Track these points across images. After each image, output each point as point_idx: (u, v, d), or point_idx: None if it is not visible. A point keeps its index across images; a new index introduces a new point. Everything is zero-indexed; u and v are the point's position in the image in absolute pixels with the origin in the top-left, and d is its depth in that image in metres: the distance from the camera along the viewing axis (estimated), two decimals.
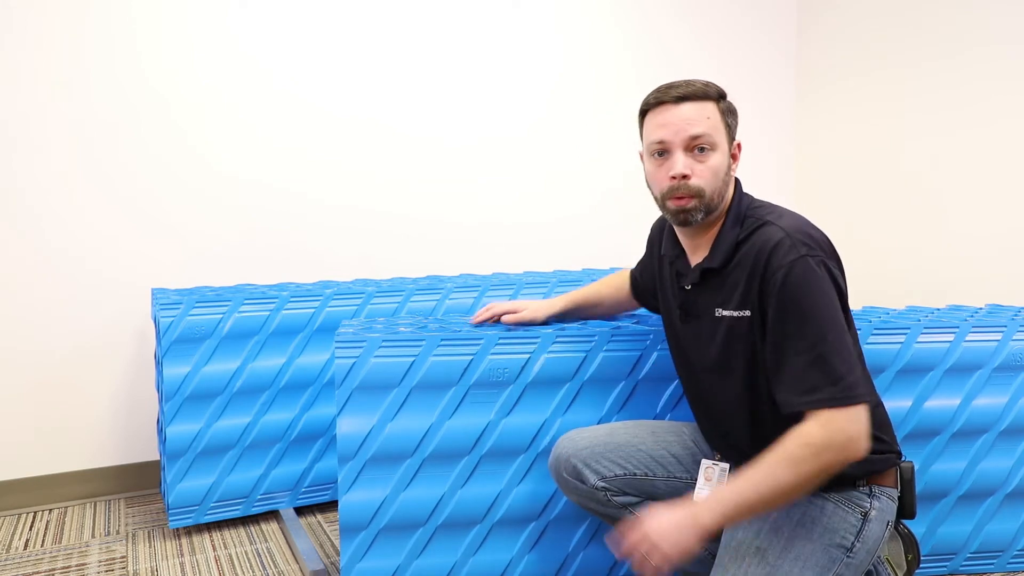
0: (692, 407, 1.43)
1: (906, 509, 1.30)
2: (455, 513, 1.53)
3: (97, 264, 2.17)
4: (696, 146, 1.24)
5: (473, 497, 1.53)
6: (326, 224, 2.43)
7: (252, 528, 2.03)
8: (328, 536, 1.97)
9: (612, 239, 2.86)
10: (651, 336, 1.59)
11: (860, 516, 1.24)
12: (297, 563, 1.84)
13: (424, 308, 2.14)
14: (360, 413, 1.49)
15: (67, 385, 2.17)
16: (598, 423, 1.57)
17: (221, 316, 1.94)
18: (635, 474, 1.41)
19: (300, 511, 2.11)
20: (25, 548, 1.92)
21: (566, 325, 1.63)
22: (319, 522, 2.06)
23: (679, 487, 1.42)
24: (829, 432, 1.12)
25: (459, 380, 1.51)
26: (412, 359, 1.49)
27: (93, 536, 1.99)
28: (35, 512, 2.13)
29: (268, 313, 1.98)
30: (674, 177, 1.24)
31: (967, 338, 1.66)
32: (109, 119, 2.14)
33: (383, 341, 1.49)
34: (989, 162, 2.48)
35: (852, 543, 1.22)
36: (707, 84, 1.27)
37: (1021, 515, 1.70)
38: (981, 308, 1.88)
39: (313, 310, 2.03)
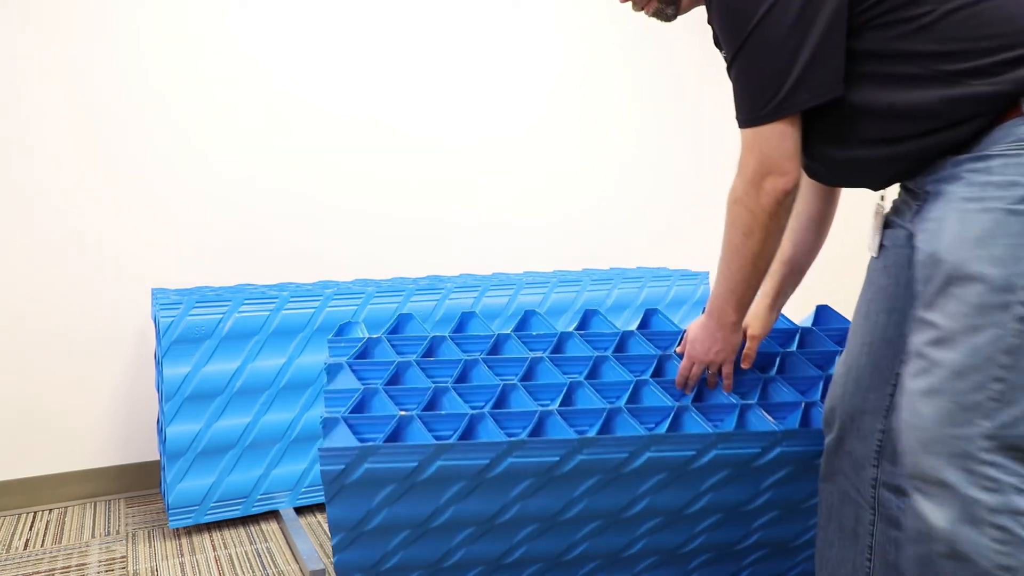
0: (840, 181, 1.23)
1: None
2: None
3: (97, 264, 2.16)
4: None
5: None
6: (326, 224, 2.42)
7: (252, 528, 2.03)
8: (328, 536, 1.97)
9: (613, 239, 2.86)
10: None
11: None
12: (297, 563, 1.85)
13: (424, 308, 2.14)
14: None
15: (67, 385, 2.17)
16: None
17: (221, 316, 1.94)
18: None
19: (300, 511, 2.11)
20: (25, 548, 1.92)
21: None
22: (319, 522, 2.06)
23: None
24: (740, 171, 1.12)
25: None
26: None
27: (93, 536, 1.99)
28: (35, 512, 2.13)
29: (268, 313, 1.98)
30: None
31: None
32: (110, 119, 2.14)
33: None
34: None
35: None
36: None
37: None
38: None
39: (313, 310, 2.03)
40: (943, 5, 1.00)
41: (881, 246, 1.21)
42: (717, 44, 1.19)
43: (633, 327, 1.66)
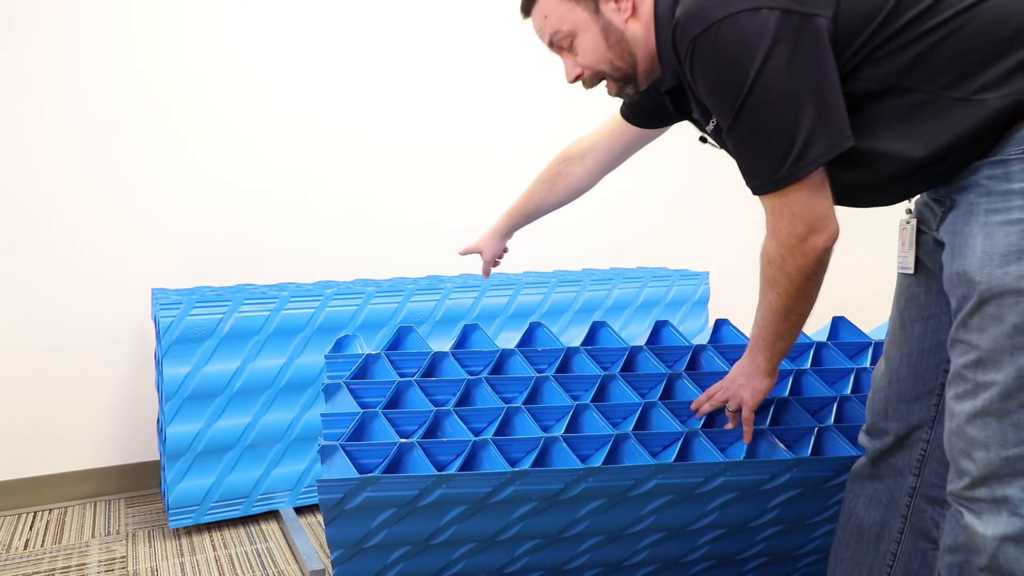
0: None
1: None
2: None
3: (97, 264, 2.16)
4: (559, 46, 1.18)
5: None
6: (326, 224, 2.42)
7: (252, 528, 2.03)
8: None
9: (612, 239, 2.86)
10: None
11: None
12: (297, 563, 1.85)
13: (424, 308, 2.14)
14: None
15: (67, 385, 2.17)
16: None
17: (221, 316, 1.94)
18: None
19: (300, 511, 2.11)
20: (25, 548, 1.92)
21: None
22: (319, 522, 2.06)
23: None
24: (772, 234, 1.07)
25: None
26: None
27: (93, 536, 1.99)
28: (35, 512, 2.13)
29: (268, 313, 1.98)
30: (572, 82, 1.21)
31: None
32: (109, 120, 2.14)
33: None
34: None
35: None
36: None
37: None
38: None
39: (313, 310, 2.03)
40: (927, 37, 0.97)
41: (917, 260, 1.16)
42: (701, 118, 1.14)
43: (642, 341, 1.60)
